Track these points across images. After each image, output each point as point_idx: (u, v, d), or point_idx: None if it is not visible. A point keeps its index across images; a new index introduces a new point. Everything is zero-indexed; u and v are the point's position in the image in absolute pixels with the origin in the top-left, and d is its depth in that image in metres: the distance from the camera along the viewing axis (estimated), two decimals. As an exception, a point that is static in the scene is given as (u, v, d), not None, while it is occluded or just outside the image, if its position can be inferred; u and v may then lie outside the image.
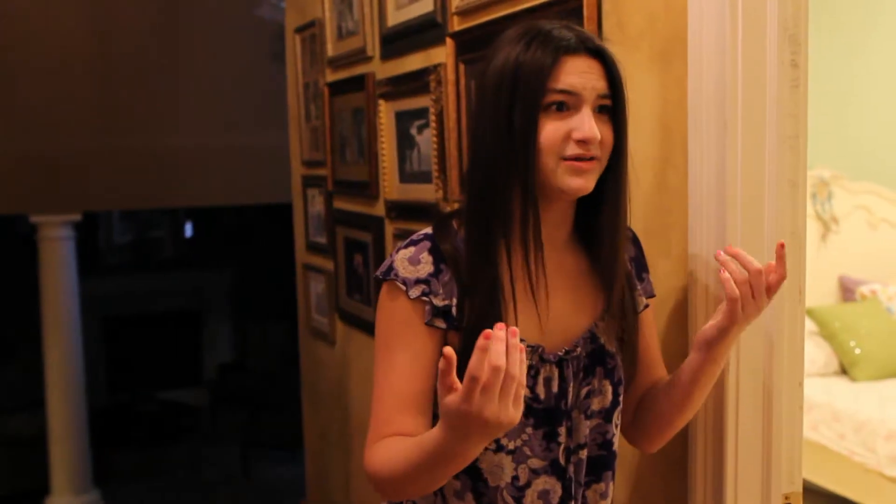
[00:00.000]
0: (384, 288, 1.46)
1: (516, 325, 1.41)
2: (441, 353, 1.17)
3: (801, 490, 1.73)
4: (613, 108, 1.41)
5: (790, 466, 1.71)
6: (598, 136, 1.37)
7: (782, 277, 1.44)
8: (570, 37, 1.37)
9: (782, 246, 1.44)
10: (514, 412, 1.18)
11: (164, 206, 8.12)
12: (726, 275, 1.45)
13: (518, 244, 1.41)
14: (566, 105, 1.37)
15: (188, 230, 9.88)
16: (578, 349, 1.49)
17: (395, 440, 1.37)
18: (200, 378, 8.98)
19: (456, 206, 2.47)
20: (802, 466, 1.74)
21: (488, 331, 1.15)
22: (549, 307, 1.46)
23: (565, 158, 1.38)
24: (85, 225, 6.34)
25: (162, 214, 9.53)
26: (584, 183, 1.40)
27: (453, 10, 2.41)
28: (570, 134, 1.37)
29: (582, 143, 1.37)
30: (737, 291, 1.43)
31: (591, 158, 1.39)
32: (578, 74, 1.36)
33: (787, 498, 1.71)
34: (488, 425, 1.17)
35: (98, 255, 9.13)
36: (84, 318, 6.04)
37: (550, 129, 1.37)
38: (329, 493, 3.87)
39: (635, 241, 1.64)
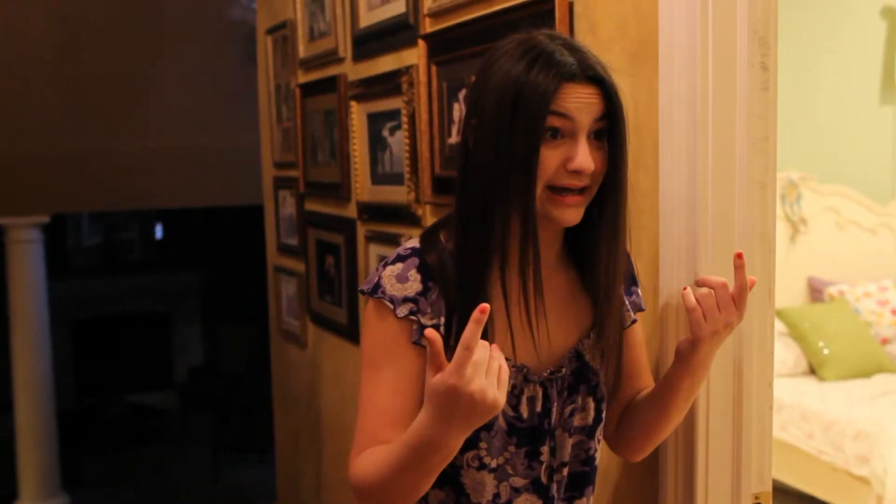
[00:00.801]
0: (371, 305, 1.44)
1: (511, 345, 1.42)
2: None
3: (770, 490, 1.74)
4: (610, 133, 1.38)
5: (760, 466, 1.72)
6: (592, 167, 1.35)
7: (743, 286, 1.43)
8: (572, 62, 1.33)
9: (740, 256, 1.43)
10: (500, 392, 1.20)
11: (133, 207, 8.06)
12: (687, 289, 1.48)
13: (516, 272, 1.39)
14: (561, 132, 1.34)
15: (158, 232, 9.83)
16: (564, 369, 1.49)
17: (378, 447, 1.36)
18: (170, 381, 8.93)
19: (426, 208, 2.48)
20: (772, 466, 1.76)
21: (485, 305, 1.17)
22: (537, 330, 1.44)
23: (553, 189, 1.36)
24: (53, 227, 6.29)
25: (131, 216, 9.47)
26: (571, 215, 1.38)
27: (425, 11, 2.41)
28: (565, 163, 1.35)
29: (575, 172, 1.35)
30: (693, 301, 1.45)
31: (581, 191, 1.37)
32: (577, 102, 1.33)
33: (756, 498, 1.72)
34: (474, 403, 1.18)
35: (67, 258, 9.05)
36: (53, 321, 5.99)
37: (546, 157, 1.34)
38: (300, 496, 3.86)
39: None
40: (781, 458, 4.29)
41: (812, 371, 4.89)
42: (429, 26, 2.41)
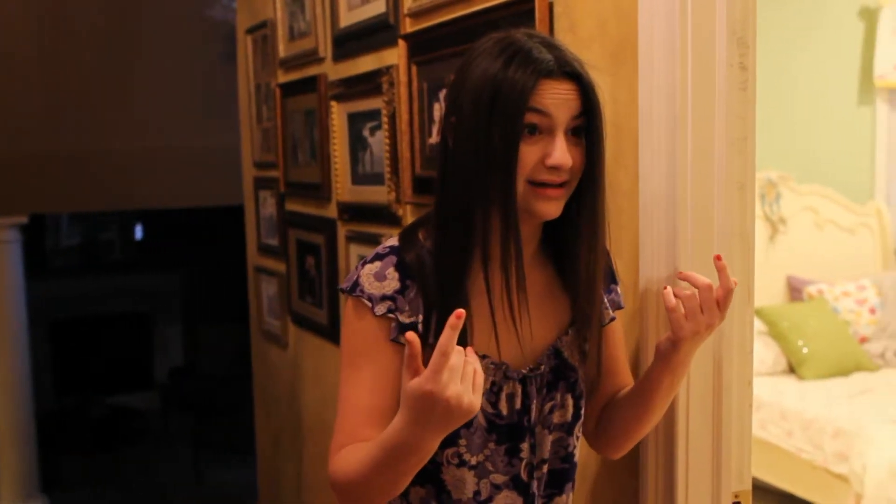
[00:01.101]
0: (350, 303, 1.45)
1: (496, 342, 1.43)
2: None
3: (750, 488, 1.75)
4: (588, 130, 1.39)
5: (739, 465, 1.73)
6: (570, 163, 1.36)
7: (728, 290, 1.44)
8: (549, 59, 1.34)
9: (719, 258, 1.45)
10: (475, 397, 1.21)
11: (113, 208, 8.01)
12: (668, 288, 1.48)
13: (498, 268, 1.40)
14: (539, 128, 1.35)
15: (138, 232, 9.78)
16: (542, 366, 1.49)
17: (356, 446, 1.37)
18: (151, 382, 8.88)
19: (406, 208, 2.48)
20: (751, 464, 1.76)
21: (461, 310, 1.18)
22: (521, 326, 1.44)
23: (533, 183, 1.37)
24: (32, 227, 6.25)
25: (111, 217, 9.41)
26: (552, 209, 1.39)
27: (406, 11, 2.41)
28: (543, 159, 1.35)
29: (553, 168, 1.36)
30: (673, 301, 1.46)
31: (560, 185, 1.38)
32: (554, 98, 1.34)
33: (736, 496, 1.73)
34: (450, 408, 1.19)
35: (46, 258, 9.00)
36: (31, 322, 5.95)
37: (524, 153, 1.35)
38: (281, 496, 3.85)
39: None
40: (761, 456, 4.31)
41: (791, 370, 4.92)
42: (409, 26, 2.41)
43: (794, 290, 5.30)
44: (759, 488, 4.07)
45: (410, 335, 1.20)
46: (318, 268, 3.14)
